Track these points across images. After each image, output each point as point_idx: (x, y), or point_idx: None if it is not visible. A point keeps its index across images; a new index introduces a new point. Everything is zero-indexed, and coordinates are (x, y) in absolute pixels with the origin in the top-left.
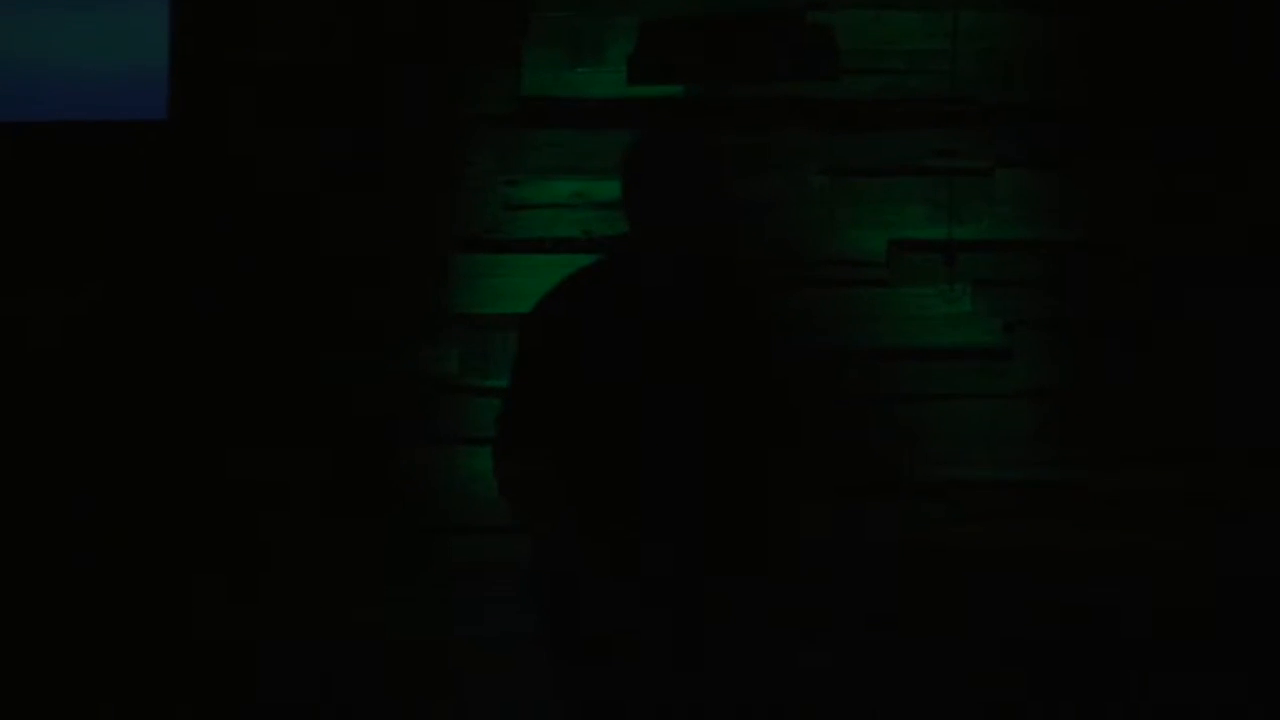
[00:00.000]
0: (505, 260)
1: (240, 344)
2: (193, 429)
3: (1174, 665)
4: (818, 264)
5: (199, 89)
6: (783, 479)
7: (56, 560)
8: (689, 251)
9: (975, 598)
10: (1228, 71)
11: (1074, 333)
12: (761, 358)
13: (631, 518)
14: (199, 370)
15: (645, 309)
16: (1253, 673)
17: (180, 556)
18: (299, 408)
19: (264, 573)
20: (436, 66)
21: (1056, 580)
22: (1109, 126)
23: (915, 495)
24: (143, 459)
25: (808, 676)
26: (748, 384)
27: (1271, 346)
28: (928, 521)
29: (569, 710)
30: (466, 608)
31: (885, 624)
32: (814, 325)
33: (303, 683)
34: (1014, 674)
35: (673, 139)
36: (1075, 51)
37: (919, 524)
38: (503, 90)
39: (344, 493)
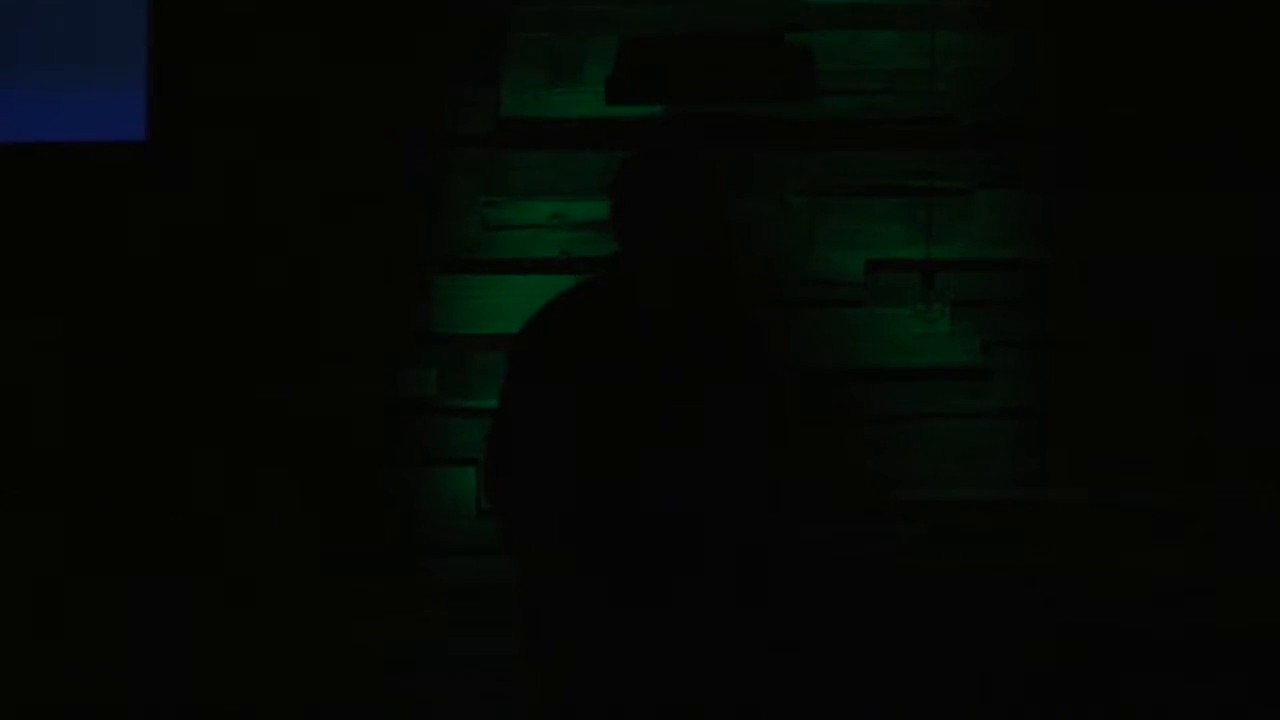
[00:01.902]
0: (484, 281)
1: (217, 365)
2: (169, 448)
3: (1158, 683)
4: (796, 284)
5: (178, 110)
6: (781, 497)
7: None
8: (686, 271)
9: (957, 617)
10: (1207, 90)
11: (1053, 352)
12: (761, 380)
13: (630, 538)
14: (173, 393)
15: (643, 330)
16: (1236, 690)
17: (152, 572)
18: (276, 429)
19: (242, 594)
20: (415, 87)
21: (1038, 599)
22: (1087, 146)
23: (895, 516)
24: (118, 477)
25: (790, 694)
26: (749, 406)
27: (1251, 363)
28: (907, 542)
29: None
30: (446, 628)
31: (866, 644)
32: (792, 345)
33: (282, 702)
34: (997, 693)
35: (668, 156)
36: (1054, 71)
37: (898, 544)
38: (481, 111)
39: (322, 514)
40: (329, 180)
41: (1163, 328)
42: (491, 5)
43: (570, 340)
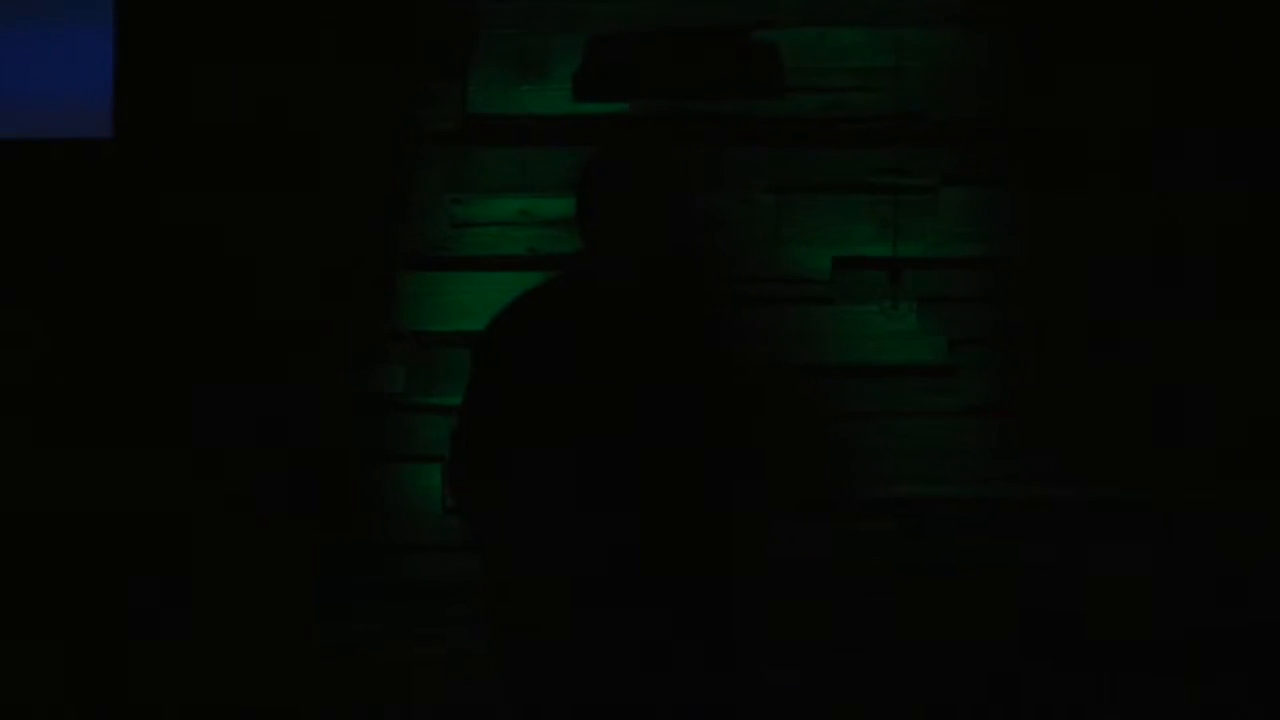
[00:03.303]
0: (451, 278)
1: (185, 363)
2: (129, 451)
3: (1132, 675)
4: (763, 281)
5: (145, 106)
6: (744, 495)
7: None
8: (648, 269)
9: (921, 614)
10: (1177, 87)
11: (1018, 350)
12: (721, 373)
13: (595, 532)
14: (138, 391)
15: (606, 327)
16: (1211, 684)
17: (126, 574)
18: (243, 426)
19: (210, 591)
20: (382, 83)
21: (1003, 596)
22: (1054, 144)
23: (860, 513)
24: (93, 474)
25: (757, 694)
26: (710, 398)
27: (1217, 357)
28: (872, 539)
29: None
30: (415, 626)
31: (831, 641)
32: (759, 342)
33: (250, 702)
34: (963, 691)
35: (631, 154)
36: (1020, 69)
37: (863, 542)
38: (448, 107)
39: (290, 511)
40: (295, 179)
41: (1128, 325)
42: (459, 1)
43: (533, 339)
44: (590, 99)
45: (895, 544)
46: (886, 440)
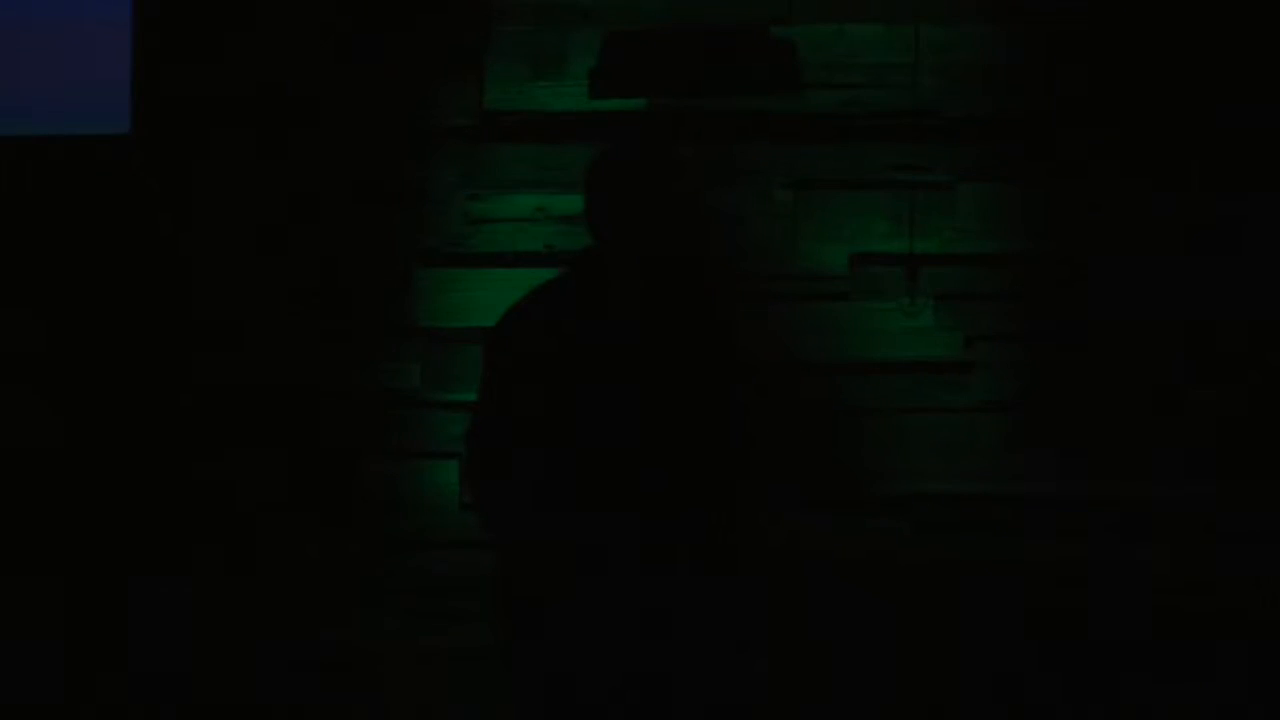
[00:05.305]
0: (467, 274)
1: (202, 357)
2: (154, 443)
3: (1141, 675)
4: (780, 277)
5: (162, 101)
6: (744, 492)
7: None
8: (655, 264)
9: (937, 611)
10: (1191, 83)
11: (1035, 346)
12: (725, 370)
13: (604, 526)
14: (161, 384)
15: (613, 322)
16: (1217, 680)
17: (139, 570)
18: (260, 421)
19: (225, 587)
20: (398, 80)
21: (1018, 593)
22: (1071, 140)
23: (876, 509)
24: (105, 472)
25: (769, 689)
26: (714, 393)
27: (1231, 356)
28: (889, 535)
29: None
30: (430, 621)
31: (847, 638)
32: (775, 338)
33: (265, 697)
34: (973, 689)
35: (637, 152)
36: (1037, 64)
37: (880, 538)
38: (465, 104)
39: (306, 507)
40: (313, 175)
41: (1145, 322)
42: None
43: (542, 335)
44: (606, 95)
45: (909, 540)
46: (902, 436)
